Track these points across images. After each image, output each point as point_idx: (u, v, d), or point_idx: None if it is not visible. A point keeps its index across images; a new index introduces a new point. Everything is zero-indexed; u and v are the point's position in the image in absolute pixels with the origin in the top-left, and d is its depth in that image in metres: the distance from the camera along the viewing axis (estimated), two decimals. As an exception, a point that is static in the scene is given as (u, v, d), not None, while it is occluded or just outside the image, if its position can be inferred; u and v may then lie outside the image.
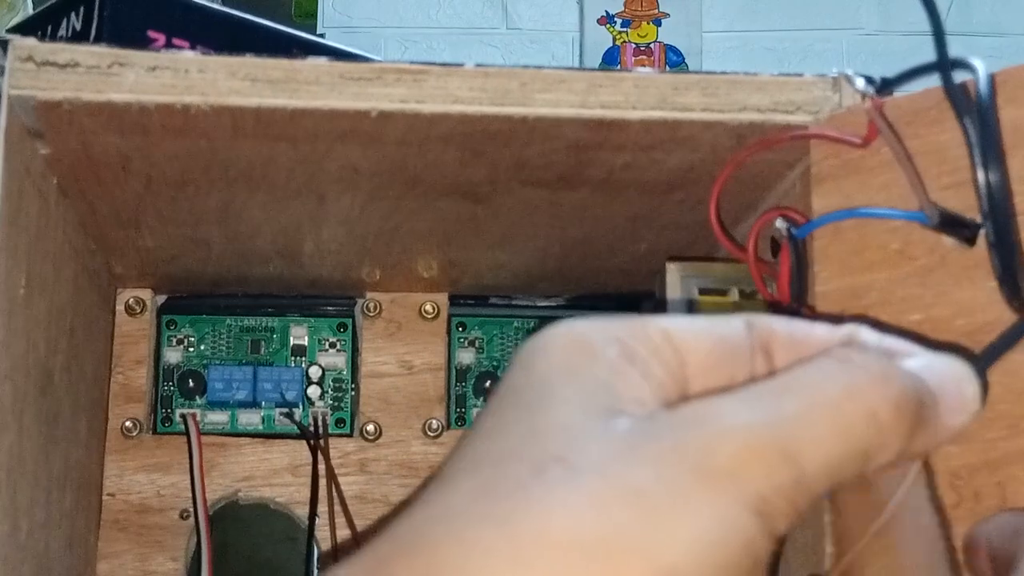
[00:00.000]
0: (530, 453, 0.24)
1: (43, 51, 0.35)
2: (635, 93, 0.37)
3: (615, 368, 0.26)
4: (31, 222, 0.37)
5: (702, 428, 0.24)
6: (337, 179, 0.42)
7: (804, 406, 0.25)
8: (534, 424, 0.25)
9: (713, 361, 0.27)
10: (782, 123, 0.37)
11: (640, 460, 0.24)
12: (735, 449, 0.24)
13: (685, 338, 0.27)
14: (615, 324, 0.27)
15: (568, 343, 0.26)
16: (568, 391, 0.25)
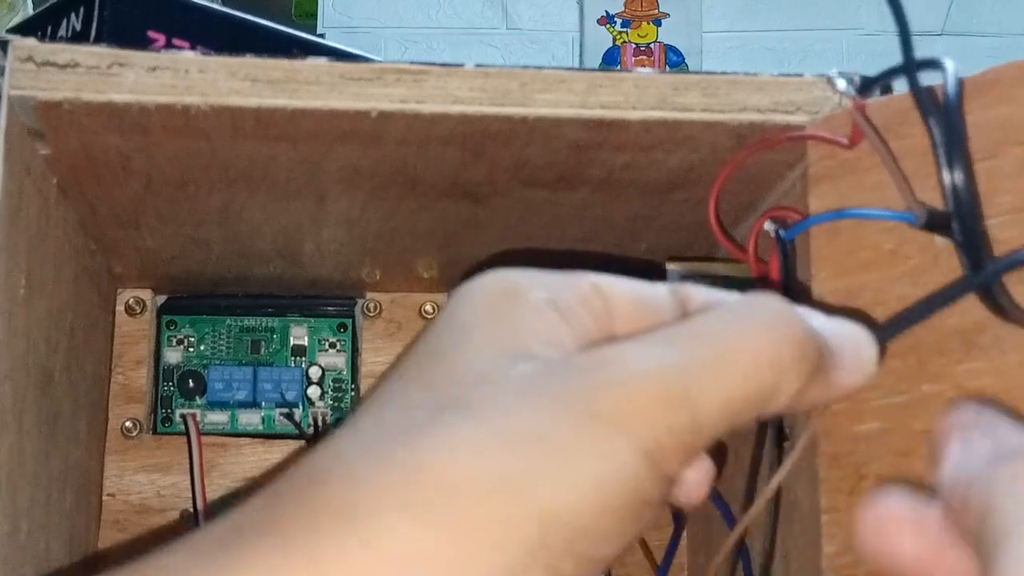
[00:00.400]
0: (431, 396, 0.25)
1: (43, 51, 0.35)
2: (635, 93, 0.37)
3: (539, 313, 0.26)
4: (31, 222, 0.37)
5: (599, 372, 0.24)
6: (337, 179, 0.42)
7: (705, 349, 0.25)
8: (442, 368, 0.26)
9: (637, 313, 0.28)
10: (782, 123, 0.37)
11: (536, 403, 0.24)
12: (628, 393, 0.24)
13: (614, 292, 0.28)
14: (547, 274, 0.28)
15: (496, 288, 0.27)
16: (485, 334, 0.26)
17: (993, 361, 0.31)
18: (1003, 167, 0.32)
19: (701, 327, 0.26)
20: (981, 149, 0.32)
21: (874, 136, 0.35)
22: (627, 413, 0.24)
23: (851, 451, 0.34)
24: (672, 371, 0.25)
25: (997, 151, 0.32)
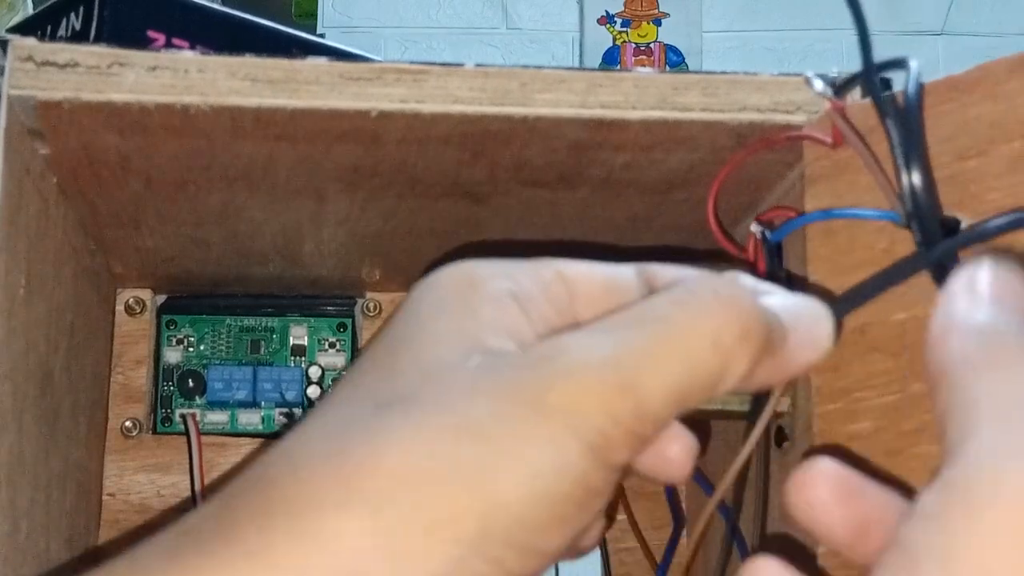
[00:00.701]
0: (380, 392, 0.25)
1: (43, 51, 0.35)
2: (635, 93, 0.37)
3: (498, 303, 0.26)
4: (31, 222, 0.37)
5: (545, 365, 0.25)
6: (337, 179, 0.42)
7: (649, 336, 0.25)
8: (394, 363, 0.26)
9: (602, 297, 0.28)
10: (782, 123, 0.37)
11: (481, 396, 0.24)
12: (572, 385, 0.24)
13: (576, 275, 0.28)
14: (510, 263, 0.28)
15: (456, 279, 0.27)
16: (441, 327, 0.26)
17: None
18: (992, 164, 0.32)
19: (645, 312, 0.26)
20: (970, 146, 0.32)
21: (853, 136, 0.35)
22: (571, 405, 0.24)
23: (845, 450, 0.34)
24: (615, 360, 0.25)
25: (986, 148, 0.32)
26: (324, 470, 0.23)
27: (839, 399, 0.35)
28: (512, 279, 0.27)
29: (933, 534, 0.20)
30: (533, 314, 0.27)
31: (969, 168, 0.32)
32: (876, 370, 0.34)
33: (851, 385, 0.35)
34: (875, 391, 0.34)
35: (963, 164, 0.32)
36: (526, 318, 0.27)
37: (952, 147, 0.33)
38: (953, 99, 0.33)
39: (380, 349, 0.27)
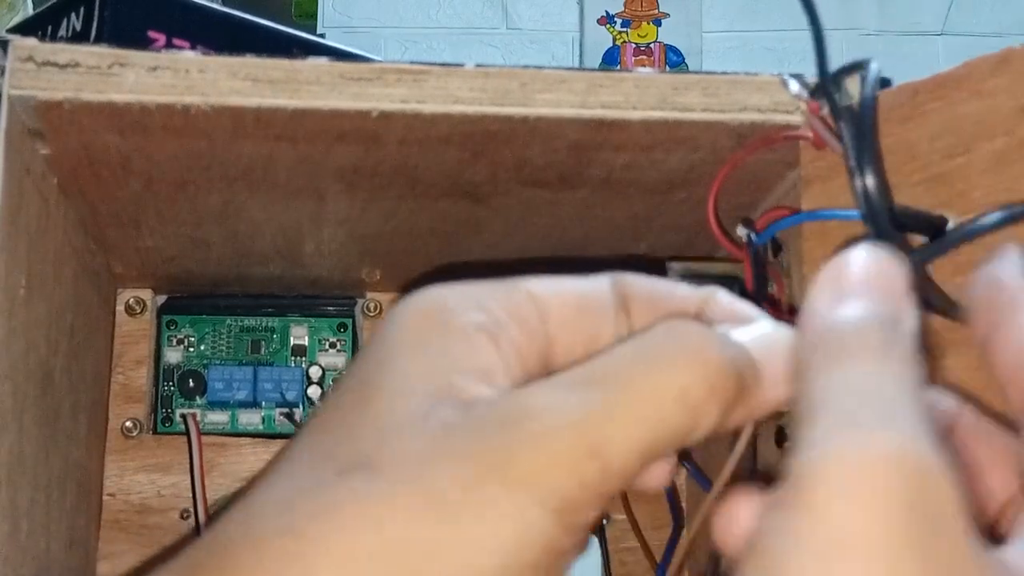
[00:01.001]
0: (341, 452, 0.24)
1: (43, 51, 0.35)
2: (635, 93, 0.37)
3: (468, 340, 0.26)
4: (31, 222, 0.37)
5: (509, 429, 0.24)
6: (337, 179, 0.42)
7: (612, 395, 0.25)
8: (356, 418, 0.25)
9: (575, 316, 0.27)
10: (782, 123, 0.37)
11: (444, 464, 0.23)
12: (536, 453, 0.23)
13: (548, 295, 0.27)
14: (478, 289, 0.27)
15: (423, 311, 0.26)
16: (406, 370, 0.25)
17: (963, 357, 0.31)
18: (976, 163, 0.32)
19: (610, 368, 0.25)
20: (956, 144, 0.32)
21: (829, 136, 0.35)
22: (537, 474, 0.23)
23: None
24: (581, 424, 0.24)
25: (970, 146, 0.32)
26: (280, 544, 0.23)
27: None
28: (482, 308, 0.26)
29: (768, 528, 0.21)
30: (504, 345, 0.26)
31: (956, 166, 0.32)
32: None
33: None
34: None
35: (950, 162, 0.32)
36: (497, 352, 0.26)
37: (940, 145, 0.33)
38: (941, 97, 0.33)
39: (345, 397, 0.26)
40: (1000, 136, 0.31)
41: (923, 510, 0.19)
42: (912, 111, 0.34)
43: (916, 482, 0.19)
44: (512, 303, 0.27)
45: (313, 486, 0.24)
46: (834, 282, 0.25)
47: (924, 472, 0.20)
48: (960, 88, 0.32)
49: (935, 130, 0.33)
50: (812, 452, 0.20)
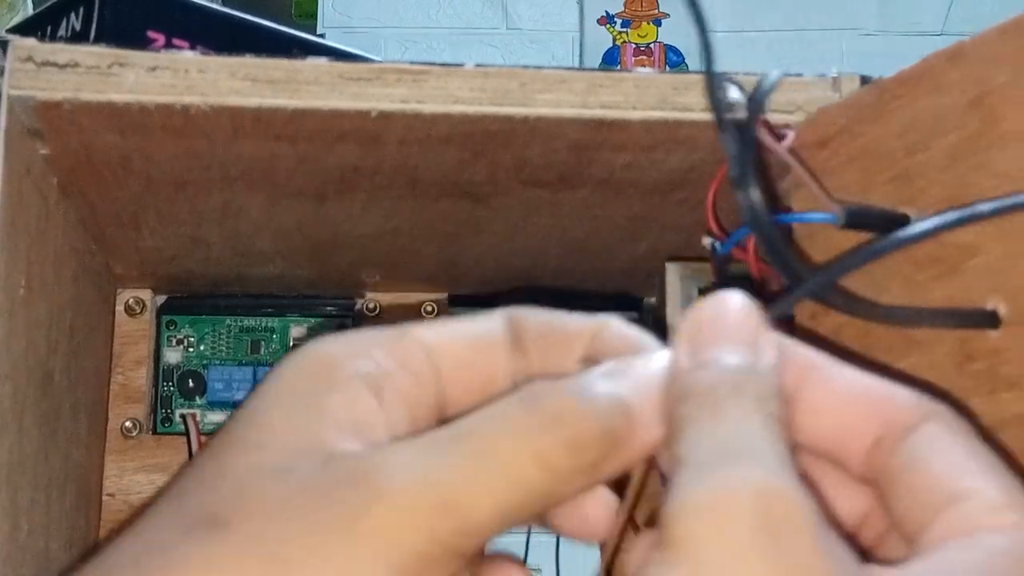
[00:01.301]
0: (192, 509, 0.24)
1: (43, 51, 0.35)
2: (635, 93, 0.37)
3: (348, 392, 0.26)
4: (31, 222, 0.37)
5: (361, 486, 0.24)
6: (337, 179, 0.42)
7: (469, 456, 0.25)
8: (215, 472, 0.25)
9: (467, 359, 0.28)
10: (782, 123, 0.37)
11: (293, 521, 0.23)
12: (385, 510, 0.24)
13: (439, 343, 0.27)
14: (366, 338, 0.27)
15: (305, 365, 0.26)
16: (275, 425, 0.25)
17: (926, 355, 0.31)
18: (933, 159, 0.31)
19: (471, 428, 0.25)
20: (917, 141, 0.32)
21: (771, 141, 0.35)
22: (383, 529, 0.23)
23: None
24: (434, 481, 0.24)
25: (928, 143, 0.32)
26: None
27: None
28: (368, 357, 0.27)
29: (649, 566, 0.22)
30: (389, 395, 0.26)
31: (917, 163, 0.32)
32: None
33: None
34: None
35: (912, 159, 0.32)
36: (379, 404, 0.26)
37: (902, 143, 0.33)
38: (904, 94, 0.33)
39: (208, 453, 0.26)
40: (953, 131, 0.30)
41: (773, 528, 0.21)
42: (881, 109, 0.33)
43: (764, 505, 0.21)
44: (401, 351, 0.27)
45: (160, 544, 0.24)
46: (690, 337, 0.26)
47: (772, 495, 0.22)
48: (920, 84, 0.32)
49: (900, 127, 0.33)
50: (677, 498, 0.22)
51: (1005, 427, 0.28)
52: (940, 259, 0.31)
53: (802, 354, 0.26)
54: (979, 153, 0.29)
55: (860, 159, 0.34)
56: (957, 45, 0.31)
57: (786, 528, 0.21)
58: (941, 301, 0.31)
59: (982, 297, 0.29)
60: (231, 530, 0.24)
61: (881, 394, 0.25)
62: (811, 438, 0.26)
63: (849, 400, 0.26)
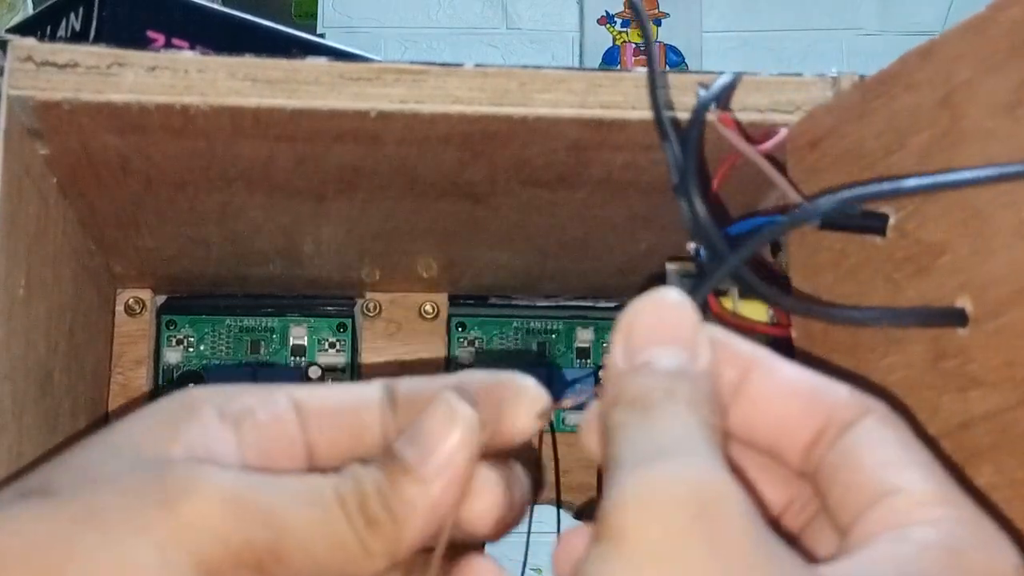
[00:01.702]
0: (33, 481, 0.26)
1: (42, 51, 0.35)
2: (635, 93, 0.37)
3: (207, 424, 0.27)
4: (31, 222, 0.37)
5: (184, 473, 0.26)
6: (336, 179, 0.42)
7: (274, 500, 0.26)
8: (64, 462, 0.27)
9: (334, 417, 0.29)
10: (781, 123, 0.37)
11: (114, 491, 0.25)
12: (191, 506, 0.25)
13: (306, 399, 0.29)
14: (241, 389, 0.29)
15: (180, 399, 0.28)
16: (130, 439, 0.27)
17: (904, 353, 0.31)
18: (908, 157, 0.31)
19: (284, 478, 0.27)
20: (894, 140, 0.32)
21: (741, 142, 0.35)
22: (188, 524, 0.25)
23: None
24: (240, 492, 0.26)
25: (904, 142, 0.32)
26: None
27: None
28: (237, 402, 0.28)
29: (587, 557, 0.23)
30: (247, 435, 0.28)
31: (893, 162, 0.32)
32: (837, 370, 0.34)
33: None
34: None
35: (889, 158, 0.32)
36: (234, 439, 0.27)
37: (881, 142, 0.33)
38: (883, 93, 0.33)
39: (75, 445, 0.28)
40: (925, 129, 0.30)
41: (708, 518, 0.22)
42: (863, 109, 0.33)
43: (699, 496, 0.22)
44: (267, 398, 0.29)
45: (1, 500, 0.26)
46: (624, 337, 0.26)
47: (706, 487, 0.22)
48: (896, 83, 0.32)
49: (879, 127, 0.33)
50: (613, 492, 0.23)
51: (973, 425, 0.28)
52: (913, 258, 0.31)
53: (744, 349, 0.27)
54: (946, 151, 0.30)
55: (845, 159, 0.34)
56: (928, 43, 0.31)
57: (721, 518, 0.22)
58: (916, 300, 0.31)
59: (952, 295, 0.29)
60: (59, 496, 0.25)
61: (820, 390, 0.26)
62: (751, 432, 0.26)
63: (789, 395, 0.26)
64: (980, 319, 0.28)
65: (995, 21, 0.28)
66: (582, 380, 0.59)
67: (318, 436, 0.29)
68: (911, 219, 0.31)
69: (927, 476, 0.24)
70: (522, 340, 0.59)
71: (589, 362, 0.59)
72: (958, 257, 0.29)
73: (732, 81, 0.37)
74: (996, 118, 0.28)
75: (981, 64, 0.28)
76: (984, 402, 0.28)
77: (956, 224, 0.29)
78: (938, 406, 0.29)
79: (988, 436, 0.27)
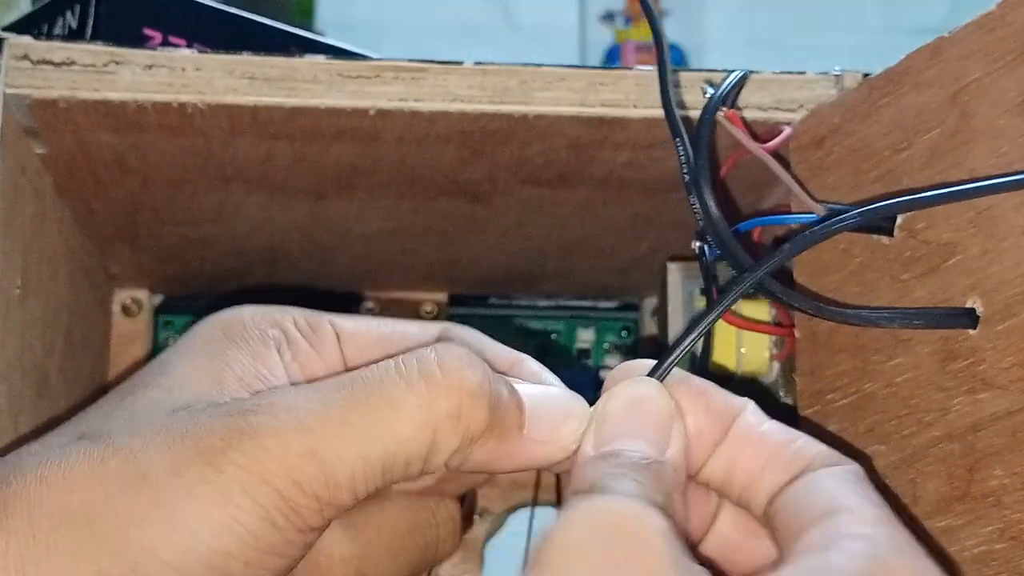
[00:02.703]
0: (86, 426, 0.26)
1: (39, 49, 0.35)
2: (636, 91, 0.37)
3: (253, 349, 0.28)
4: (27, 222, 0.37)
5: (237, 421, 0.25)
6: (335, 178, 0.41)
7: (349, 400, 0.25)
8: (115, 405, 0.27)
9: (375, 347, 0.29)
10: (784, 121, 0.37)
11: (163, 445, 0.25)
12: (253, 446, 0.25)
13: (349, 327, 0.30)
14: (283, 311, 0.29)
15: (220, 324, 0.28)
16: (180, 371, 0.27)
17: (912, 355, 0.31)
18: (915, 157, 0.31)
19: (363, 375, 0.26)
20: (902, 139, 0.32)
21: (746, 139, 0.35)
22: (251, 465, 0.24)
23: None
24: (306, 423, 0.25)
25: (911, 141, 0.31)
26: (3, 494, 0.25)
27: (817, 402, 0.35)
28: (278, 325, 0.28)
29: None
30: (290, 359, 0.28)
31: (901, 161, 0.32)
32: (841, 371, 0.34)
33: (824, 387, 0.35)
34: (840, 393, 0.34)
35: (897, 157, 0.32)
36: (281, 364, 0.27)
37: (889, 141, 0.32)
38: (890, 92, 0.33)
39: (122, 387, 0.28)
40: (934, 128, 0.30)
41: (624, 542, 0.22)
42: (870, 108, 0.33)
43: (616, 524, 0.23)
44: (310, 326, 0.29)
45: (50, 444, 0.26)
46: (598, 427, 0.27)
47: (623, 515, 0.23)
48: (904, 81, 0.32)
49: (886, 125, 0.33)
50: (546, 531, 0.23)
51: (983, 427, 0.28)
52: (922, 258, 0.31)
53: (729, 402, 0.27)
54: (956, 150, 0.29)
55: (851, 158, 0.34)
56: (937, 41, 0.31)
57: (637, 543, 0.22)
58: (924, 300, 0.31)
59: (962, 296, 0.29)
60: (111, 444, 0.25)
61: (798, 444, 0.27)
62: (726, 479, 0.27)
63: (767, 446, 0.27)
64: (991, 320, 0.28)
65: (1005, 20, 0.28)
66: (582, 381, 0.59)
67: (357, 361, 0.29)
68: (919, 219, 0.31)
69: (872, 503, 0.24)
70: (522, 340, 0.59)
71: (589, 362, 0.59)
72: (968, 258, 0.29)
73: (742, 78, 0.36)
74: (1007, 116, 0.28)
75: (992, 63, 0.28)
76: (995, 404, 0.27)
77: (965, 224, 0.29)
78: (947, 408, 0.29)
79: (999, 438, 0.27)
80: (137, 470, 0.24)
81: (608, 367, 0.58)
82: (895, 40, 1.83)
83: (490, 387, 0.26)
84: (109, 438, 0.25)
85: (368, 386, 0.26)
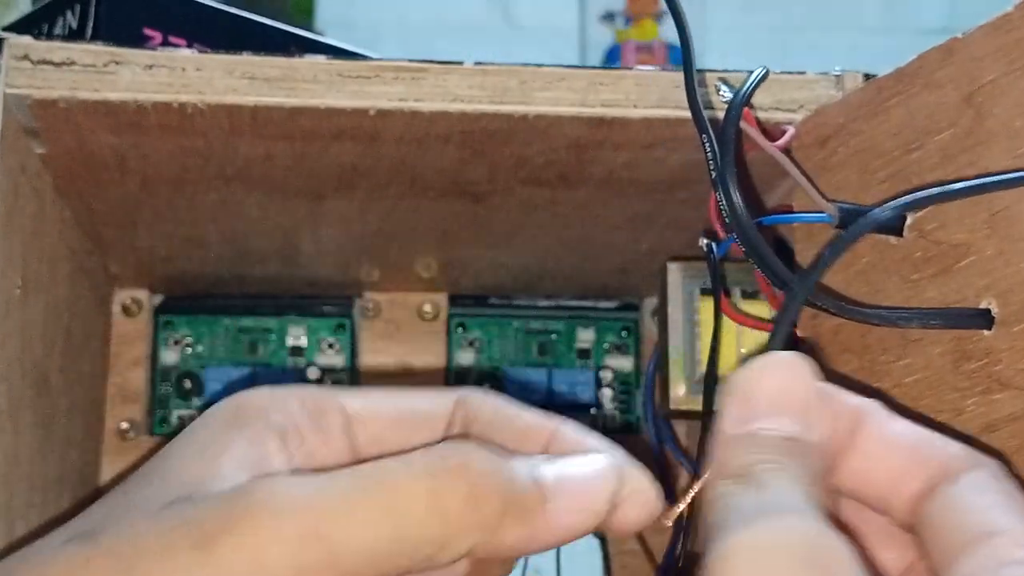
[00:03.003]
0: (77, 525, 0.26)
1: (39, 49, 0.35)
2: (636, 91, 0.37)
3: (256, 433, 0.27)
4: (27, 222, 0.37)
5: (234, 503, 0.24)
6: (335, 178, 0.41)
7: (355, 487, 0.25)
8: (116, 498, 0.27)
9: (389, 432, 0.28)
10: (785, 121, 0.37)
11: (154, 533, 0.24)
12: (252, 530, 0.24)
13: (360, 410, 0.28)
14: (289, 393, 0.28)
15: (226, 409, 0.28)
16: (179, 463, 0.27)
17: (923, 355, 0.31)
18: (927, 158, 0.31)
19: (367, 467, 0.26)
20: (912, 139, 0.32)
21: (761, 139, 0.35)
22: (246, 551, 0.23)
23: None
24: (311, 508, 0.24)
25: (922, 141, 0.31)
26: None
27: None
28: (283, 412, 0.27)
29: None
30: (294, 448, 0.27)
31: (912, 161, 0.32)
32: (848, 371, 0.34)
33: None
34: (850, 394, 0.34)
35: (908, 157, 0.32)
36: (283, 454, 0.27)
37: (898, 141, 0.32)
38: (900, 92, 0.33)
39: (126, 481, 0.27)
40: (946, 129, 0.30)
41: (816, 566, 0.21)
42: (877, 107, 0.33)
43: (809, 549, 0.22)
44: (318, 410, 0.28)
45: (42, 548, 0.26)
46: (737, 402, 0.25)
47: (817, 541, 0.22)
48: (914, 81, 0.32)
49: (895, 125, 0.33)
50: (719, 546, 0.22)
51: (998, 428, 0.28)
52: (934, 259, 0.30)
53: (854, 403, 0.26)
54: (969, 151, 0.29)
55: (858, 158, 0.34)
56: (950, 41, 0.31)
57: (831, 569, 0.21)
58: (936, 301, 0.30)
59: (976, 297, 0.29)
60: (100, 544, 0.25)
61: (932, 444, 0.25)
62: (861, 486, 0.26)
63: (900, 449, 0.26)
64: (1007, 321, 0.28)
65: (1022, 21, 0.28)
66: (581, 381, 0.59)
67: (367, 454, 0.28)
68: (929, 219, 0.31)
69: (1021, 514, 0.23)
70: (522, 340, 0.59)
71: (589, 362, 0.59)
72: (983, 258, 0.29)
73: (762, 77, 0.36)
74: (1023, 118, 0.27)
75: (1009, 64, 0.28)
76: (1010, 404, 0.27)
77: (980, 225, 0.29)
78: (961, 408, 0.29)
79: (1014, 439, 0.27)
80: (124, 566, 0.24)
81: (608, 367, 0.58)
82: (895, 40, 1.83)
83: (501, 468, 0.26)
84: (98, 537, 0.25)
85: (373, 472, 0.25)
